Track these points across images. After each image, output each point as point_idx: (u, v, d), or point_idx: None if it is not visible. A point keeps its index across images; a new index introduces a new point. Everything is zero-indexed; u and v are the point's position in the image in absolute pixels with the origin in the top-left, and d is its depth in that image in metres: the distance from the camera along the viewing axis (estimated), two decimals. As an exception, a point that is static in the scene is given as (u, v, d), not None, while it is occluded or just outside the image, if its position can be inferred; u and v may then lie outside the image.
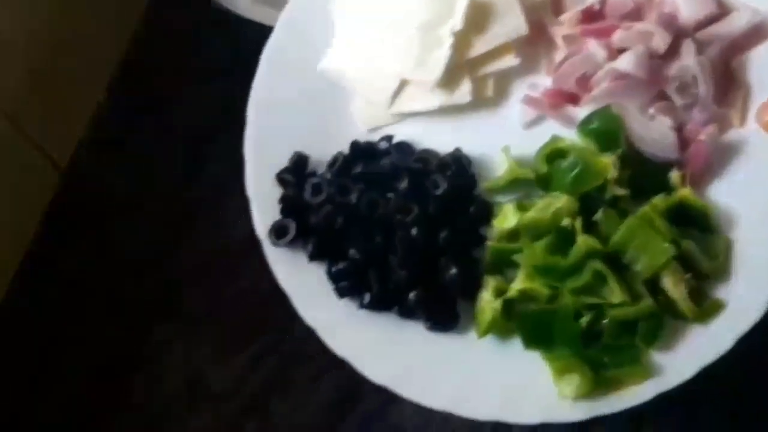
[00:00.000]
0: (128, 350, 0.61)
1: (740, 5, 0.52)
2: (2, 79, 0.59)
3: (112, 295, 0.63)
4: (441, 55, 0.53)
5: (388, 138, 0.55)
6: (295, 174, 0.54)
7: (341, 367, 0.51)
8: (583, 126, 0.53)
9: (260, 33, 0.58)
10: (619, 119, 0.52)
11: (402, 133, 0.56)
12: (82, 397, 0.60)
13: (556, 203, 0.50)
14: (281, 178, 0.54)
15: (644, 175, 0.52)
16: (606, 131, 0.52)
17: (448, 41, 0.53)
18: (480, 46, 0.54)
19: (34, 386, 0.61)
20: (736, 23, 0.52)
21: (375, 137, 0.56)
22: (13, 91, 0.60)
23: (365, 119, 0.56)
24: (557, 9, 0.56)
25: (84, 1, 0.65)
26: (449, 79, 0.54)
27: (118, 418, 0.59)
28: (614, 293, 0.48)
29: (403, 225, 0.51)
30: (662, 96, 0.52)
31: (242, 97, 0.63)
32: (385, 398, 0.53)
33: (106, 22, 0.68)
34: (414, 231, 0.51)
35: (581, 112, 0.54)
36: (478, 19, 0.53)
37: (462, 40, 0.53)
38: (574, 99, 0.54)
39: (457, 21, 0.53)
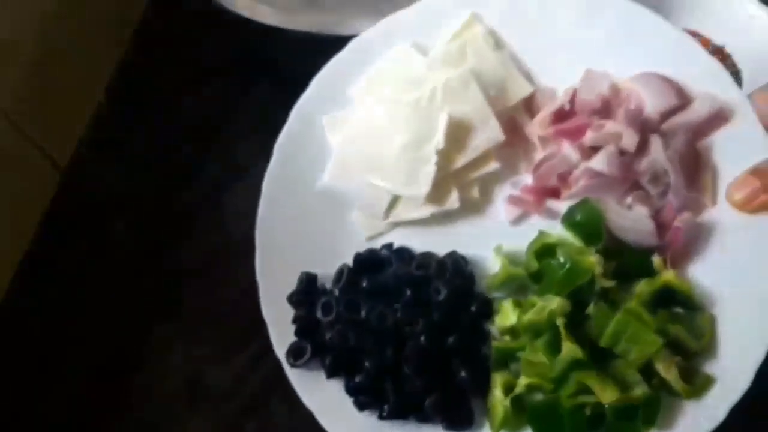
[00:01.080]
0: (128, 350, 0.60)
1: (699, 93, 0.54)
2: (2, 79, 0.58)
3: (112, 295, 0.62)
4: (427, 172, 0.55)
5: (388, 246, 0.58)
6: (305, 294, 0.57)
7: None
8: (568, 219, 0.55)
9: (260, 33, 0.58)
10: (600, 211, 0.54)
11: (400, 237, 0.58)
12: (82, 397, 0.59)
13: (550, 305, 0.52)
14: (292, 299, 0.57)
15: (628, 262, 0.54)
16: (589, 224, 0.54)
17: (432, 159, 0.55)
18: (462, 158, 0.56)
19: (34, 386, 0.60)
20: (697, 111, 0.53)
21: (375, 243, 0.58)
22: (13, 91, 0.59)
23: (365, 229, 0.58)
24: (530, 108, 0.58)
25: (84, 2, 0.64)
26: (437, 190, 0.56)
27: (118, 418, 0.58)
28: (604, 395, 0.50)
29: (412, 335, 0.54)
30: (637, 186, 0.55)
31: (242, 96, 0.64)
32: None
33: (106, 23, 0.67)
34: (423, 339, 0.54)
35: (563, 205, 0.56)
36: (458, 135, 0.55)
37: (445, 155, 0.55)
38: (555, 193, 0.57)
39: (439, 140, 0.55)
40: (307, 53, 0.61)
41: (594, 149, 0.55)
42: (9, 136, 0.60)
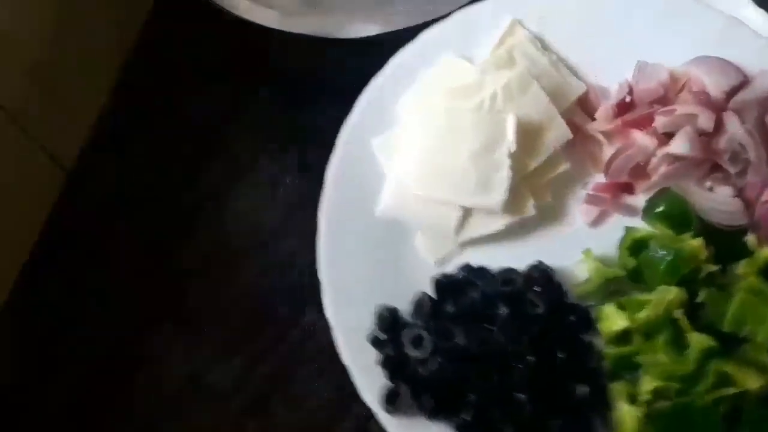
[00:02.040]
0: (129, 350, 0.58)
1: (759, 70, 0.53)
2: (7, 79, 0.56)
3: (114, 294, 0.60)
4: (501, 178, 0.51)
5: (465, 267, 0.52)
6: (388, 330, 0.50)
7: (341, 366, 0.49)
8: (650, 212, 0.52)
9: (261, 35, 0.56)
10: (684, 198, 0.51)
11: (469, 257, 0.52)
12: (83, 397, 0.57)
13: (667, 296, 0.47)
14: (375, 339, 0.50)
15: (721, 244, 0.50)
16: (675, 212, 0.51)
17: (505, 164, 0.51)
18: (534, 161, 0.52)
19: (34, 386, 0.58)
20: (762, 86, 0.52)
21: (443, 268, 0.52)
22: (17, 91, 0.57)
23: (433, 253, 0.53)
24: (584, 107, 0.55)
25: (89, 4, 0.62)
26: (511, 198, 0.51)
27: (118, 417, 0.57)
28: (749, 381, 0.45)
29: (519, 355, 0.48)
30: (714, 168, 0.52)
31: (243, 97, 0.63)
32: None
33: (110, 25, 0.65)
34: (531, 359, 0.48)
35: (639, 199, 0.53)
36: (526, 137, 0.51)
37: (516, 159, 0.51)
38: (629, 188, 0.53)
39: (510, 143, 0.51)
40: (308, 55, 0.60)
41: (667, 135, 0.52)
42: (14, 136, 0.58)
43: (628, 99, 0.53)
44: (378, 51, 0.56)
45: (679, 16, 0.55)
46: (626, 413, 0.47)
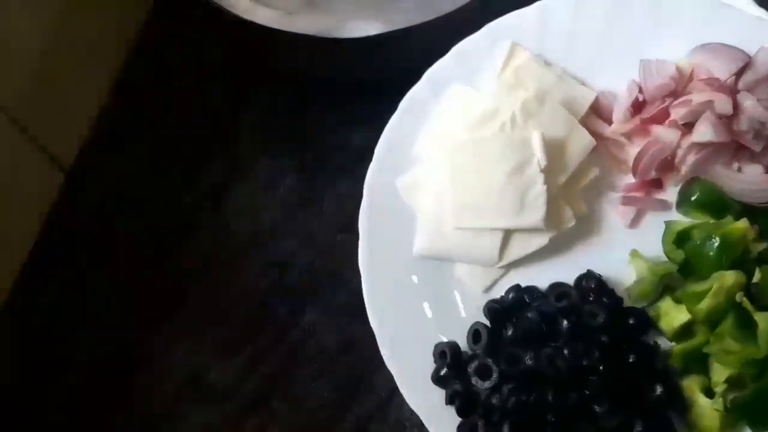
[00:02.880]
0: (130, 349, 0.59)
1: (758, 47, 0.53)
2: (6, 80, 0.56)
3: (114, 294, 0.60)
4: (537, 194, 0.50)
5: (515, 288, 0.51)
6: (451, 366, 0.49)
7: (341, 366, 0.50)
8: (685, 202, 0.52)
9: (261, 35, 0.57)
10: (714, 184, 0.51)
11: (513, 279, 0.52)
12: (83, 397, 0.57)
13: (726, 282, 0.47)
14: (439, 378, 0.49)
15: (760, 223, 0.50)
16: (710, 198, 0.51)
17: (539, 180, 0.50)
18: (564, 174, 0.52)
19: (34, 386, 0.58)
20: (764, 62, 0.52)
21: (490, 294, 0.52)
22: (17, 92, 0.57)
23: (478, 281, 0.52)
24: (598, 112, 0.55)
25: (88, 4, 0.63)
26: (550, 211, 0.51)
27: (119, 417, 0.57)
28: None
29: (591, 368, 0.47)
30: (739, 148, 0.52)
31: (243, 97, 0.64)
32: (385, 398, 0.54)
33: (110, 25, 0.66)
34: (602, 369, 0.47)
35: (670, 194, 0.53)
36: (552, 152, 0.51)
37: (546, 174, 0.51)
38: (658, 184, 0.53)
39: (540, 159, 0.50)
40: (308, 55, 0.60)
41: (687, 126, 0.52)
42: (13, 136, 0.58)
43: (641, 98, 0.54)
44: (378, 50, 0.57)
45: (666, 8, 0.55)
46: (705, 408, 0.46)
